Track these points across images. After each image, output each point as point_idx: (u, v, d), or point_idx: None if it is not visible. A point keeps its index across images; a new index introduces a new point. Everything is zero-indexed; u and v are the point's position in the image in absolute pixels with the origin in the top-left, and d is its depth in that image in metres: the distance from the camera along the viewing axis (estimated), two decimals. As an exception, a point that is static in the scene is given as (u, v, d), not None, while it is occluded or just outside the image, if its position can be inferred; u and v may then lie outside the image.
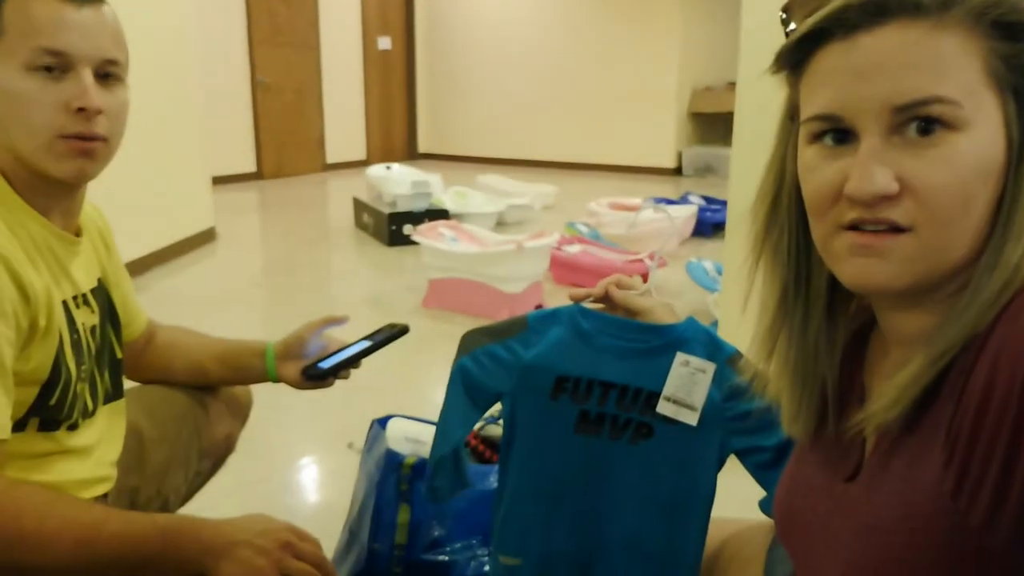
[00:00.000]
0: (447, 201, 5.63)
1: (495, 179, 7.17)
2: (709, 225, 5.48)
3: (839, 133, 0.60)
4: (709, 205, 5.77)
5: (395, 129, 10.66)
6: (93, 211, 1.22)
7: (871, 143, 0.58)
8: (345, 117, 9.65)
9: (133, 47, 1.08)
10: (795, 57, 0.64)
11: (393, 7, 10.27)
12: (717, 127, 9.17)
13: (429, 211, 5.28)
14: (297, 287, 4.38)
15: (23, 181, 1.01)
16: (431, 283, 3.83)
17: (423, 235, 3.83)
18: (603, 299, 1.07)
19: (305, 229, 6.02)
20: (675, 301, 3.80)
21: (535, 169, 9.58)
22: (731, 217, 2.28)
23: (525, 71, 9.92)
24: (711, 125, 9.37)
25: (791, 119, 0.68)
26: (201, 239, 5.19)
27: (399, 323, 1.37)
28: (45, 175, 1.00)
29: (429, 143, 11.04)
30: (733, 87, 3.57)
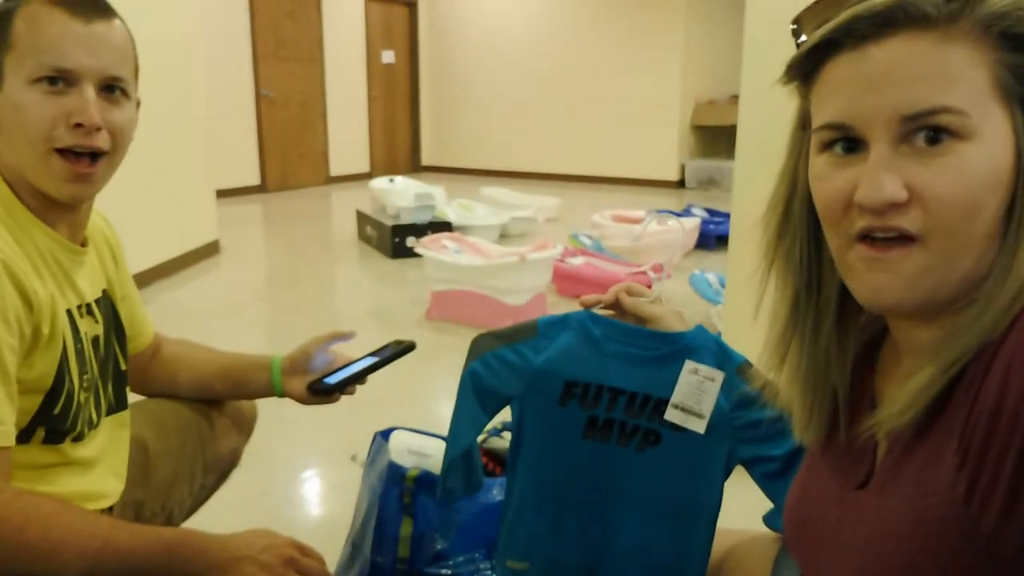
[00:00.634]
0: (450, 213, 5.65)
1: (498, 191, 7.19)
2: (712, 237, 5.49)
3: (849, 142, 0.61)
4: (712, 217, 5.78)
5: (399, 142, 10.70)
6: (102, 222, 1.23)
7: (880, 152, 0.58)
8: (349, 130, 9.69)
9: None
10: (806, 68, 0.65)
11: (397, 21, 10.33)
12: (720, 140, 9.20)
13: (432, 223, 5.30)
14: (300, 299, 4.38)
15: (30, 193, 1.02)
16: (434, 295, 3.83)
17: (426, 247, 3.84)
18: (613, 305, 1.07)
19: (309, 242, 6.03)
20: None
21: (538, 181, 9.60)
22: (734, 229, 2.28)
23: (528, 84, 9.96)
24: (714, 138, 9.39)
25: (803, 129, 0.69)
26: (205, 252, 5.20)
27: (405, 340, 1.37)
28: (43, 192, 1.01)
29: (432, 156, 11.07)
30: (736, 100, 3.58)
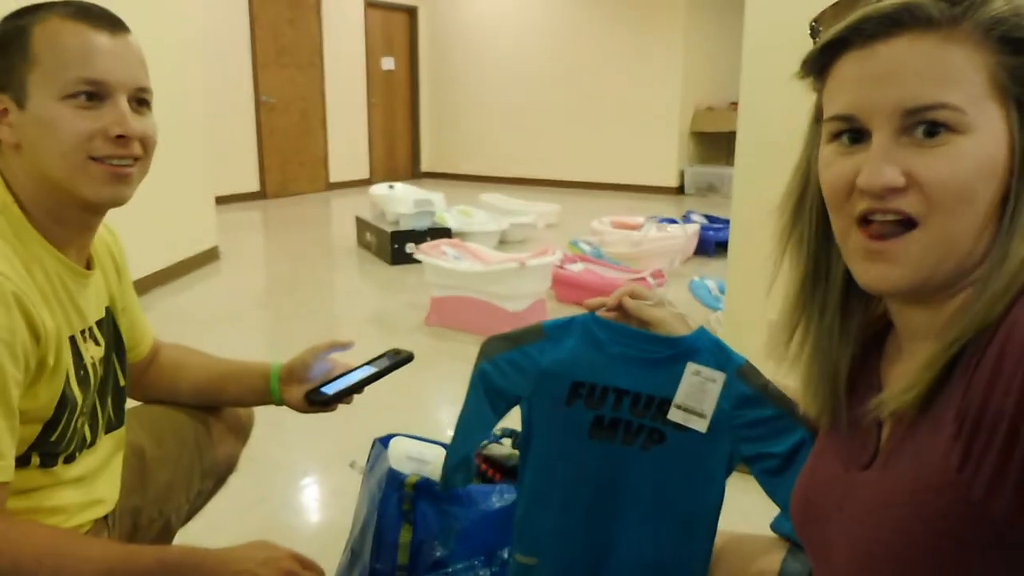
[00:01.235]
0: (450, 219, 5.66)
1: (498, 198, 7.19)
2: (711, 244, 5.49)
3: (854, 133, 0.66)
4: (711, 224, 5.79)
5: (398, 148, 10.72)
6: (108, 234, 1.22)
7: (882, 141, 0.63)
8: (348, 136, 9.71)
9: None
10: (819, 63, 0.69)
11: (397, 28, 10.36)
12: (719, 146, 9.22)
13: (432, 229, 5.30)
14: (300, 306, 4.38)
15: (46, 212, 1.01)
16: (433, 301, 3.83)
17: (426, 253, 3.84)
18: (617, 309, 1.09)
19: (308, 248, 6.03)
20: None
21: (538, 188, 9.61)
22: (734, 236, 2.28)
23: (528, 91, 9.99)
24: (713, 144, 9.41)
25: (817, 122, 0.73)
26: (204, 258, 5.20)
27: (404, 349, 1.37)
28: (79, 199, 1.00)
29: (432, 162, 11.08)
30: (735, 107, 3.58)
